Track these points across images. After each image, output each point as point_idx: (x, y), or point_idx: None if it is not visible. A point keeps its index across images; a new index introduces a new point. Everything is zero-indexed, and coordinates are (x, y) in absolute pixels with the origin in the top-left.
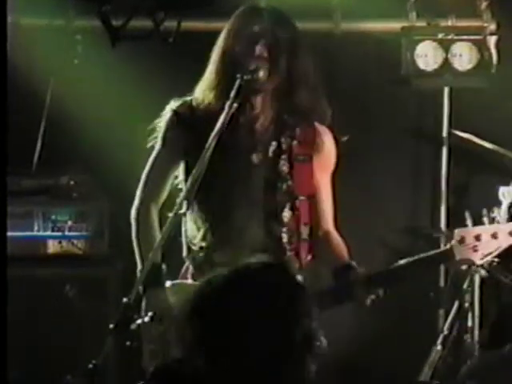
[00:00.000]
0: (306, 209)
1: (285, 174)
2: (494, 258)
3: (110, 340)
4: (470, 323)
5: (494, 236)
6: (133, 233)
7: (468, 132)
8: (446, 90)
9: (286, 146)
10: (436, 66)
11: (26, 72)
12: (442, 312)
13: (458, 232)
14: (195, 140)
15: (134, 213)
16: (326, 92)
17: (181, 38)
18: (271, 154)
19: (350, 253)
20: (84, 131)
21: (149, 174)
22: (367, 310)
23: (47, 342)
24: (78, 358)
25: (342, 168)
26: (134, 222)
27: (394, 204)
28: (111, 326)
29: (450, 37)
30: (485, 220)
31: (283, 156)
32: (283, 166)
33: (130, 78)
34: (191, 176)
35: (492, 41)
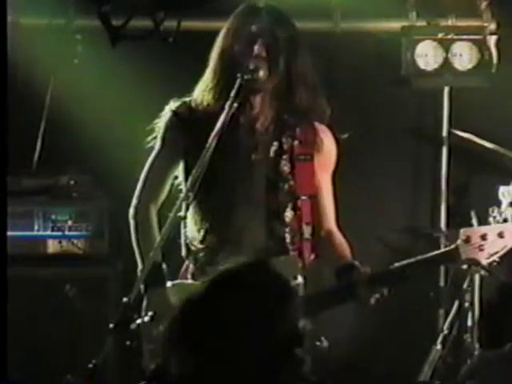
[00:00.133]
0: (308, 208)
1: (286, 174)
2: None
3: (109, 340)
4: (469, 323)
5: (501, 235)
6: (132, 232)
7: (468, 132)
8: (446, 90)
9: (287, 146)
10: (436, 66)
11: (26, 72)
12: (441, 312)
13: (464, 231)
14: (195, 140)
15: (131, 212)
16: (326, 91)
17: (181, 37)
18: (272, 154)
19: (353, 252)
20: (84, 131)
21: (147, 174)
22: (367, 309)
23: (47, 342)
24: (78, 357)
25: (342, 167)
26: (132, 222)
27: (394, 204)
28: (111, 325)
29: (450, 36)
30: (490, 219)
31: (284, 156)
32: (284, 166)
33: (129, 77)
34: (191, 176)
35: (492, 40)
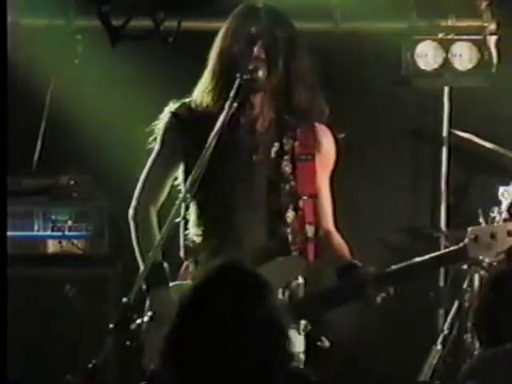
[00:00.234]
0: (310, 208)
1: (287, 175)
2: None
3: (109, 340)
4: (469, 323)
5: (510, 233)
6: (132, 233)
7: (468, 132)
8: (446, 90)
9: (288, 146)
10: (436, 66)
11: (26, 72)
12: (441, 312)
13: (472, 230)
14: (194, 141)
15: (131, 213)
16: (325, 91)
17: (181, 37)
18: (273, 154)
19: (352, 252)
20: (84, 131)
21: (147, 175)
22: (367, 309)
23: (47, 342)
24: (78, 357)
25: (341, 167)
26: (131, 223)
27: (394, 204)
28: (111, 325)
29: (450, 37)
30: (497, 218)
31: (286, 157)
32: (286, 166)
33: (130, 77)
34: (191, 176)
35: (492, 40)
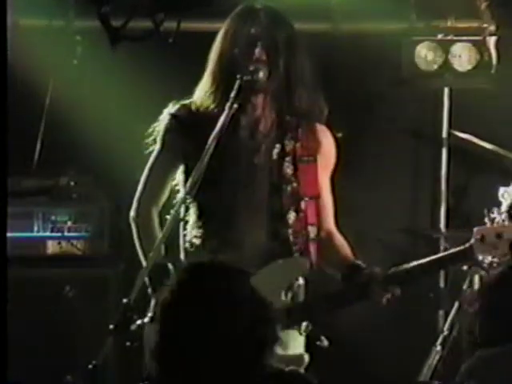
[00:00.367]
0: (312, 210)
1: (289, 176)
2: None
3: (109, 340)
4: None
5: None
6: (134, 235)
7: (468, 132)
8: (446, 91)
9: (289, 148)
10: (436, 67)
11: (26, 72)
12: (441, 312)
13: (478, 230)
14: (195, 143)
15: (132, 215)
16: (324, 92)
17: (181, 38)
18: (275, 156)
19: (354, 252)
20: (84, 132)
21: (148, 177)
22: (367, 310)
23: (47, 343)
24: (78, 358)
25: (341, 168)
26: (133, 224)
27: (394, 205)
28: (111, 326)
29: (449, 37)
30: (497, 219)
31: (287, 158)
32: (287, 168)
33: (129, 78)
34: (191, 178)
35: (492, 41)
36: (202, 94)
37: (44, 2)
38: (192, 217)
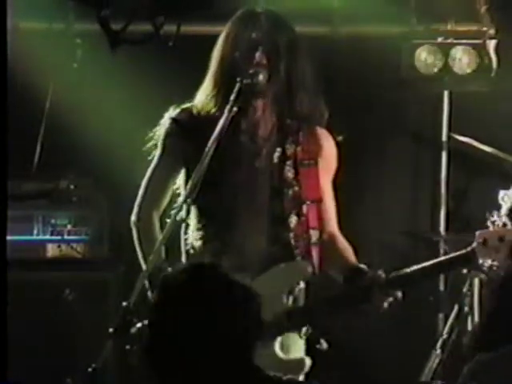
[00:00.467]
0: (313, 213)
1: (290, 180)
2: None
3: (109, 344)
4: (469, 327)
5: None
6: (134, 239)
7: (467, 136)
8: (446, 94)
9: (290, 151)
10: (436, 70)
11: (26, 76)
12: (441, 316)
13: (480, 234)
14: (196, 147)
15: (133, 219)
16: (325, 95)
17: (181, 42)
18: (276, 160)
19: (357, 254)
20: (84, 135)
21: (149, 181)
22: (374, 314)
23: (47, 346)
24: (77, 361)
25: (342, 171)
26: (134, 229)
27: (394, 207)
28: (111, 329)
29: (449, 41)
30: (497, 222)
31: (288, 162)
32: (288, 171)
33: (129, 81)
34: (190, 180)
35: (491, 45)
36: (203, 97)
37: (44, 5)
38: (193, 220)
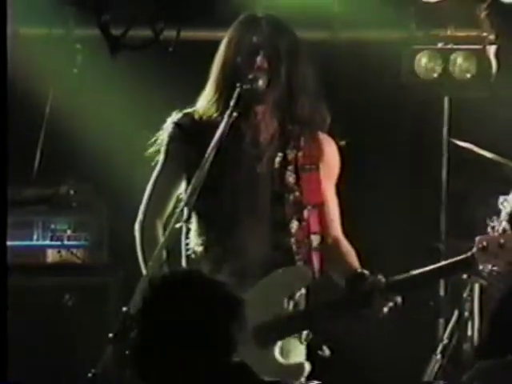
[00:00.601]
0: (315, 218)
1: (292, 185)
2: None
3: (109, 349)
4: (469, 332)
5: None
6: (137, 247)
7: (467, 141)
8: (446, 99)
9: (291, 156)
10: (435, 76)
11: (26, 81)
12: (441, 321)
13: (480, 239)
14: (198, 152)
15: (137, 227)
16: (325, 100)
17: (180, 47)
18: (277, 165)
19: (361, 259)
20: (84, 141)
21: (153, 188)
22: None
23: (47, 351)
24: (77, 367)
25: (341, 177)
26: (138, 237)
27: (393, 212)
28: (111, 335)
29: (449, 46)
30: (497, 227)
31: (289, 167)
32: (289, 177)
33: (129, 87)
34: (190, 185)
35: (491, 50)
36: (205, 102)
37: (44, 10)
38: (194, 225)
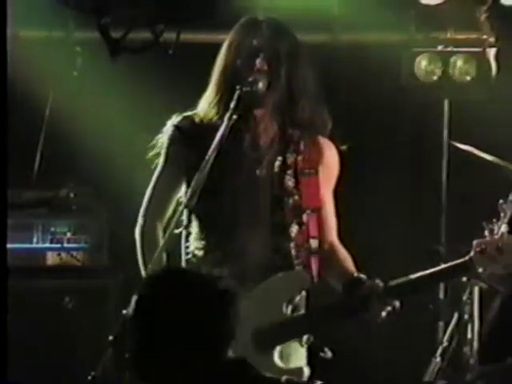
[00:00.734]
0: (314, 222)
1: (291, 189)
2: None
3: (109, 352)
4: (469, 335)
5: None
6: (138, 251)
7: (467, 144)
8: (446, 102)
9: (291, 160)
10: (435, 78)
11: (26, 84)
12: (441, 324)
13: (478, 243)
14: (198, 155)
15: (138, 230)
16: (326, 103)
17: (180, 49)
18: (277, 169)
19: (357, 263)
20: (84, 143)
21: (153, 191)
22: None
23: (46, 354)
24: (77, 369)
25: (341, 180)
26: (138, 240)
27: (393, 215)
28: (111, 337)
29: (449, 49)
30: (496, 230)
31: (288, 171)
32: (289, 181)
33: (129, 89)
34: (190, 188)
35: (491, 53)
36: (205, 105)
37: (44, 13)
38: (194, 228)
